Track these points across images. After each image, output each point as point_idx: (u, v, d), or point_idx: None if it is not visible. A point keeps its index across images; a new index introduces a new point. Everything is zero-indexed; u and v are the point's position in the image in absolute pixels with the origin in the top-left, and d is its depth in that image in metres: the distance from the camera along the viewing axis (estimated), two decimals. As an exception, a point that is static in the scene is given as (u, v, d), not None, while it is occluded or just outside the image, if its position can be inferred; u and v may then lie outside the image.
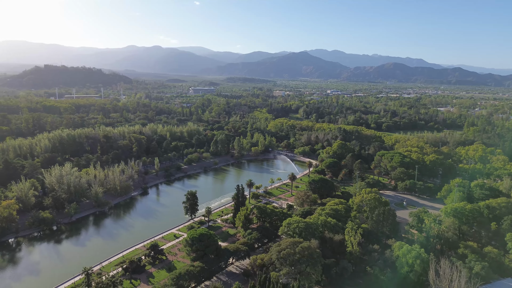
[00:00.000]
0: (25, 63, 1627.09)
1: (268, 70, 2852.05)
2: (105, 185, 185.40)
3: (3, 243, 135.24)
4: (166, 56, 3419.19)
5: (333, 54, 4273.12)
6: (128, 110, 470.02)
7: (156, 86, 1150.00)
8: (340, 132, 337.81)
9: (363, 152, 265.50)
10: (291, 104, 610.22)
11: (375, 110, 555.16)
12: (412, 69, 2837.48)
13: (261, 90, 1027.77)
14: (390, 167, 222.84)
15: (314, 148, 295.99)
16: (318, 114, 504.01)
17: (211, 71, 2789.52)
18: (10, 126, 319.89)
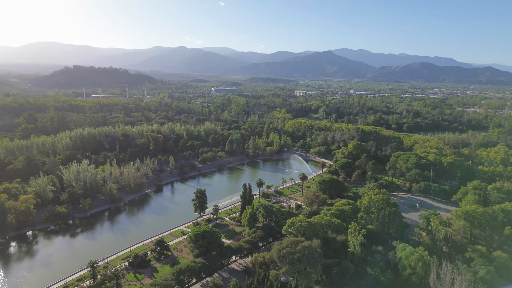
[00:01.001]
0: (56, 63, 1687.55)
1: (291, 70, 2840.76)
2: (119, 182, 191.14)
3: (21, 235, 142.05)
4: (191, 57, 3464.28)
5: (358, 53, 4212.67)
6: (150, 110, 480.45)
7: (180, 86, 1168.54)
8: (358, 132, 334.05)
9: (379, 153, 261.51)
10: (311, 104, 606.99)
11: (397, 111, 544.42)
12: (441, 69, 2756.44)
13: (282, 90, 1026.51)
14: (405, 168, 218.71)
15: (330, 149, 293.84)
16: (338, 114, 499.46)
17: (234, 71, 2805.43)
18: (37, 124, 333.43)
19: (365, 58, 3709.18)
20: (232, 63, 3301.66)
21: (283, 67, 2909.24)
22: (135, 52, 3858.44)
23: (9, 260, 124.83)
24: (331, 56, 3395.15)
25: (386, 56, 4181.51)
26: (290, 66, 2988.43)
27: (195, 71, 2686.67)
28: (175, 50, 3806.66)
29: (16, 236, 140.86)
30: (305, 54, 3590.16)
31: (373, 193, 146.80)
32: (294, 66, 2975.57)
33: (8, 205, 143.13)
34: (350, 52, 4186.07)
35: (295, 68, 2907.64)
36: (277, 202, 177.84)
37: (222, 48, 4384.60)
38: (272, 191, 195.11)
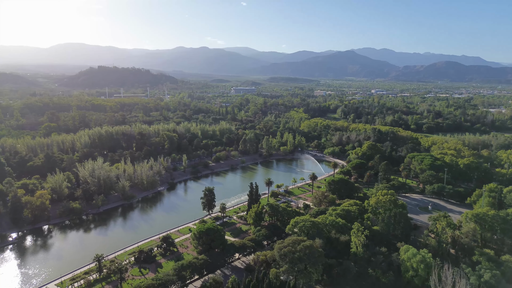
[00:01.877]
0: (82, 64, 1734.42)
1: (312, 69, 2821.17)
2: (133, 179, 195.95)
3: (36, 229, 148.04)
4: (213, 57, 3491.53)
5: (382, 52, 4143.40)
6: (169, 109, 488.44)
7: (200, 86, 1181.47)
8: (374, 133, 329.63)
9: (393, 153, 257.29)
10: (329, 104, 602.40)
11: (418, 111, 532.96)
12: (467, 68, 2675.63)
13: (302, 90, 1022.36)
14: (419, 169, 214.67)
15: (345, 149, 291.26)
16: (356, 114, 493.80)
17: (255, 71, 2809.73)
18: (59, 123, 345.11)
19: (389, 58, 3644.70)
20: (253, 63, 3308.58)
21: (304, 67, 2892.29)
22: (158, 53, 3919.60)
23: (24, 253, 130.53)
24: (353, 55, 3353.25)
25: (410, 55, 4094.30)
26: (311, 65, 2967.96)
27: (216, 71, 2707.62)
28: (197, 50, 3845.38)
29: (31, 230, 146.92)
30: (327, 54, 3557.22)
31: (381, 194, 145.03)
32: (315, 66, 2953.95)
33: (25, 200, 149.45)
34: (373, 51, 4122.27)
35: (316, 68, 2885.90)
36: (286, 202, 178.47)
37: (243, 48, 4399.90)
38: (282, 190, 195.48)
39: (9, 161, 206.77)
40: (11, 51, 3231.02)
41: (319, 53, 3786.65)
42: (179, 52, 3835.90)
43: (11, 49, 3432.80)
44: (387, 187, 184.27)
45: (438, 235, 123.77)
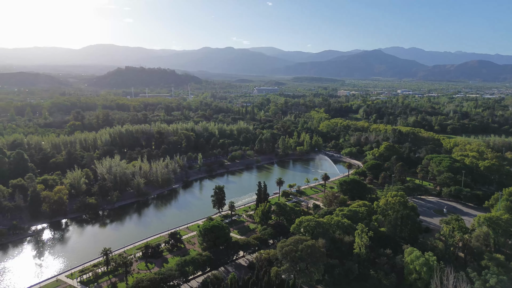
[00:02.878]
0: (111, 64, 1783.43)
1: (338, 69, 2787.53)
2: (148, 177, 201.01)
3: (53, 223, 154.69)
4: (237, 57, 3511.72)
5: (410, 51, 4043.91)
6: (190, 109, 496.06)
7: (224, 86, 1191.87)
8: (394, 133, 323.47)
9: (411, 155, 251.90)
10: (352, 104, 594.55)
11: (444, 111, 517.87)
12: (501, 67, 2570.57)
13: (325, 90, 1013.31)
14: (436, 171, 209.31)
15: (362, 150, 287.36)
16: (378, 114, 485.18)
17: (279, 71, 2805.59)
18: (84, 121, 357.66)
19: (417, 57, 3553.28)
20: (278, 63, 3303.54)
21: (329, 67, 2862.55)
22: (184, 53, 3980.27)
23: (40, 245, 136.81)
24: (380, 54, 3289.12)
25: (441, 54, 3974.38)
26: (337, 65, 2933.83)
27: (241, 71, 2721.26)
28: (222, 50, 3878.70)
29: (49, 223, 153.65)
30: (353, 53, 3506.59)
31: (390, 195, 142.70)
32: (340, 65, 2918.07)
33: (43, 194, 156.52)
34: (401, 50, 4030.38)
35: (342, 68, 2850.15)
36: (296, 202, 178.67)
37: (268, 48, 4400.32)
38: (293, 190, 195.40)
39: (33, 158, 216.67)
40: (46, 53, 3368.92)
41: (345, 53, 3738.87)
42: (205, 52, 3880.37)
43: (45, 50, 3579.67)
44: (400, 188, 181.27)
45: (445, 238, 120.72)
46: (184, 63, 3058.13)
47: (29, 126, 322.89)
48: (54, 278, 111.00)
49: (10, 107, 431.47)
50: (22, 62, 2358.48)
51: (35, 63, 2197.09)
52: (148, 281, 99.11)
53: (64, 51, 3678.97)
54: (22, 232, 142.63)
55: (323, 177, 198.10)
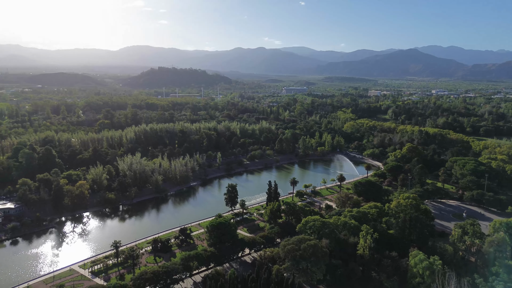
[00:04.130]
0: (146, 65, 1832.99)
1: (371, 69, 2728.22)
2: (167, 174, 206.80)
3: (75, 216, 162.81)
4: (269, 57, 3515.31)
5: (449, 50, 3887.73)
6: (217, 108, 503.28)
7: (253, 86, 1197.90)
8: (421, 135, 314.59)
9: (435, 157, 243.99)
10: (381, 104, 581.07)
11: (478, 113, 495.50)
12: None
13: (355, 90, 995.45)
14: (460, 174, 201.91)
15: (386, 151, 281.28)
16: (408, 115, 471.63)
17: (310, 71, 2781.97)
18: (113, 120, 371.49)
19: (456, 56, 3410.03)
20: (309, 62, 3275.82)
21: (362, 66, 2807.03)
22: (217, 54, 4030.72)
23: (59, 236, 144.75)
24: (416, 54, 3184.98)
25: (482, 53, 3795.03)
26: (370, 65, 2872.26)
27: (272, 71, 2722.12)
28: (254, 51, 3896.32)
29: (70, 216, 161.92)
30: (387, 52, 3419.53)
31: (402, 197, 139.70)
32: (374, 65, 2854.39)
33: (66, 189, 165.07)
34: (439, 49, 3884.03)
35: (375, 67, 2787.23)
36: (310, 202, 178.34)
37: (300, 48, 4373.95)
38: (309, 190, 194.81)
39: (62, 154, 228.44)
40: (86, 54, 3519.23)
41: (379, 52, 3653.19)
42: (237, 53, 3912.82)
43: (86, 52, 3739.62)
44: (418, 191, 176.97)
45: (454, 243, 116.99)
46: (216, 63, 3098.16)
47: (62, 124, 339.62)
48: (68, 267, 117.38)
49: (47, 106, 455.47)
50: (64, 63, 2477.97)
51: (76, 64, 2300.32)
52: (152, 274, 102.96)
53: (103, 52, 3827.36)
54: (45, 224, 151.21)
55: (338, 178, 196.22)
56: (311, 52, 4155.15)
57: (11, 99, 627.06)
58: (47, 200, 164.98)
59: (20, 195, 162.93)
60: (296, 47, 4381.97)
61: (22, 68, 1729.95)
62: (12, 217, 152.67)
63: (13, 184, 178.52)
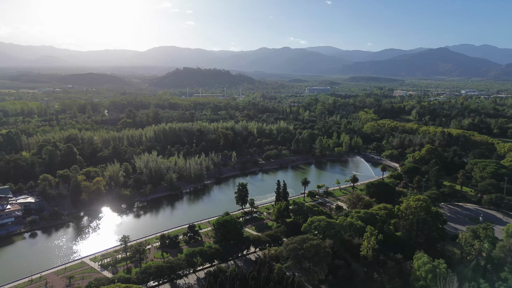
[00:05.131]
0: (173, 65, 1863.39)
1: (398, 68, 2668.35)
2: (181, 172, 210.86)
3: (91, 211, 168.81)
4: (294, 57, 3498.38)
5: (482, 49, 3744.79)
6: (237, 108, 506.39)
7: (276, 86, 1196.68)
8: (443, 136, 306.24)
9: (456, 159, 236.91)
10: (405, 104, 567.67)
11: (508, 114, 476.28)
12: None
13: (380, 90, 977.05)
14: (479, 177, 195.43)
15: (405, 152, 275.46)
16: (432, 116, 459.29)
17: (335, 71, 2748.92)
18: (135, 119, 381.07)
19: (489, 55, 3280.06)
20: (335, 62, 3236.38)
21: (389, 66, 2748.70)
22: (242, 54, 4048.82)
23: (75, 230, 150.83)
24: (446, 53, 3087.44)
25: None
26: (398, 64, 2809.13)
27: (296, 71, 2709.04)
28: (279, 51, 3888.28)
29: (87, 211, 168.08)
30: (416, 51, 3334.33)
31: (412, 199, 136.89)
32: (401, 64, 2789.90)
33: (83, 185, 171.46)
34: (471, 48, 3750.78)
35: (403, 67, 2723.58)
36: (321, 202, 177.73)
37: (326, 47, 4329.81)
38: (321, 191, 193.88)
39: (83, 151, 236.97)
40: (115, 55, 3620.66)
41: (407, 51, 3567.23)
42: (262, 53, 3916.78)
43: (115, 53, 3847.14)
44: (434, 193, 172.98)
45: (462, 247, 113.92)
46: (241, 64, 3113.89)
47: (86, 123, 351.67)
48: (79, 260, 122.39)
49: (74, 105, 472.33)
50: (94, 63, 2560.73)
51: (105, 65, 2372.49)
52: (155, 268, 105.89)
53: (131, 53, 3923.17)
54: (62, 218, 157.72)
55: (351, 178, 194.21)
56: (337, 52, 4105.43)
57: (42, 98, 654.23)
58: (65, 195, 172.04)
59: (40, 190, 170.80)
60: (321, 47, 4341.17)
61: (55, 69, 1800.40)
62: (32, 210, 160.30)
63: (36, 180, 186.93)
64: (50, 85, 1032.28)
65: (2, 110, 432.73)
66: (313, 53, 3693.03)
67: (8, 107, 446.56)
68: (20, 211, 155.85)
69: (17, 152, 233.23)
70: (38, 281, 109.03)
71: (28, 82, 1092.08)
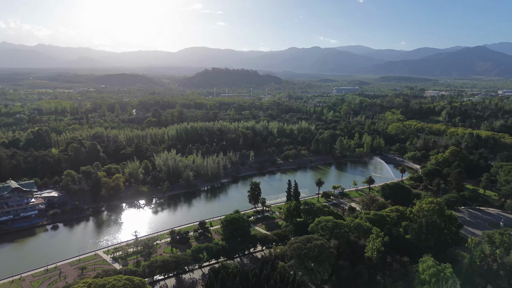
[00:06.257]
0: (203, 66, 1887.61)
1: (432, 67, 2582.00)
2: (199, 170, 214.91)
3: (110, 206, 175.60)
4: (324, 57, 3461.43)
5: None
6: (261, 108, 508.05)
7: (303, 86, 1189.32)
8: (471, 138, 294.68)
9: (482, 162, 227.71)
10: (435, 105, 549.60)
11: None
12: None
13: (411, 90, 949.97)
14: (504, 181, 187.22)
15: (428, 154, 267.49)
16: (463, 117, 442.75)
17: (366, 70, 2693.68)
18: (160, 118, 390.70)
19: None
20: (365, 61, 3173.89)
21: (423, 65, 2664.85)
22: (271, 54, 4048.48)
23: (94, 223, 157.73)
24: (484, 51, 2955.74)
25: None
26: (432, 63, 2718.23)
27: (326, 71, 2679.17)
28: (308, 50, 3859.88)
29: (106, 206, 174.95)
30: (452, 50, 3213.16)
31: (425, 202, 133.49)
32: (436, 64, 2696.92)
33: (103, 181, 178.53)
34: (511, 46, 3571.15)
35: (437, 66, 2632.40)
36: (335, 203, 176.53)
37: (357, 46, 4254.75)
38: (337, 192, 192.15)
39: (107, 149, 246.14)
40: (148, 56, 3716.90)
41: (442, 50, 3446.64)
42: (291, 53, 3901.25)
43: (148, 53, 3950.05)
44: (453, 196, 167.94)
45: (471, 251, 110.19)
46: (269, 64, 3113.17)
47: (114, 121, 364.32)
48: (93, 252, 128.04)
49: (104, 104, 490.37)
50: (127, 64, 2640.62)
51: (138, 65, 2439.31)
52: (161, 262, 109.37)
53: (163, 54, 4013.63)
54: (82, 212, 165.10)
55: (367, 180, 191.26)
56: (368, 51, 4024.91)
57: (76, 98, 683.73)
58: (86, 190, 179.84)
59: (63, 185, 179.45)
60: (352, 46, 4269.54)
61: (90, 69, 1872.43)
62: (55, 204, 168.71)
63: (61, 175, 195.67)
64: (85, 85, 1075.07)
65: (37, 108, 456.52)
66: (344, 52, 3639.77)
67: (43, 106, 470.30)
68: (44, 204, 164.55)
69: (46, 148, 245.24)
70: (53, 270, 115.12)
71: (65, 82, 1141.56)
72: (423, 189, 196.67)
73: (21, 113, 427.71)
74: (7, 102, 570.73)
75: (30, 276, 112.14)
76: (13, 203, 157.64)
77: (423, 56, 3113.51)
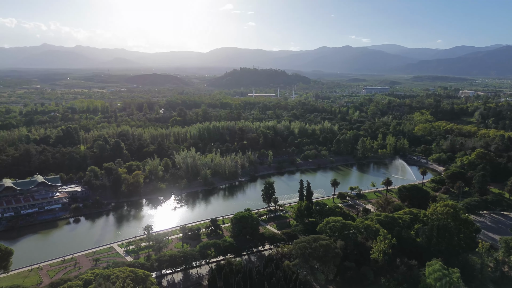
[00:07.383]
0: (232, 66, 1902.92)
1: (470, 67, 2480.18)
2: (217, 169, 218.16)
3: (129, 201, 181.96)
4: (355, 56, 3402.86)
5: None
6: (286, 108, 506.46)
7: (332, 86, 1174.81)
8: (502, 140, 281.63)
9: (510, 165, 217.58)
10: (468, 106, 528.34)
11: None
12: None
13: (445, 90, 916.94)
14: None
15: (454, 156, 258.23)
16: (497, 118, 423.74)
17: (398, 70, 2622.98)
18: (185, 117, 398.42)
19: None
20: (398, 60, 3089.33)
21: (459, 64, 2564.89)
22: (301, 54, 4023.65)
23: (113, 218, 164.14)
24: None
25: None
26: (469, 62, 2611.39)
27: (356, 70, 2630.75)
28: (339, 50, 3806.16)
29: (126, 201, 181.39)
30: (492, 48, 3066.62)
31: (440, 205, 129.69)
32: (473, 63, 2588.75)
33: (123, 177, 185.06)
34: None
35: (475, 65, 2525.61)
36: (351, 204, 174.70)
37: (389, 45, 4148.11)
38: (353, 193, 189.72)
39: (131, 146, 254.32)
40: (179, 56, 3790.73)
41: (481, 48, 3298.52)
42: (321, 52, 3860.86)
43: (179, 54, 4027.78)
44: (475, 200, 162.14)
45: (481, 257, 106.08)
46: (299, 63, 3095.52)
47: (140, 120, 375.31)
48: (108, 245, 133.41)
49: (133, 103, 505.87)
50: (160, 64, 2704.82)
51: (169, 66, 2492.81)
52: (169, 257, 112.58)
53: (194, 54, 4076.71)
54: (103, 206, 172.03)
55: (384, 182, 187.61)
56: (402, 50, 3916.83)
57: (109, 97, 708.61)
58: (108, 186, 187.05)
59: (86, 180, 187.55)
60: (385, 45, 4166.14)
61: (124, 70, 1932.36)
62: (78, 199, 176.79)
63: (86, 171, 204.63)
64: (118, 85, 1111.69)
65: (71, 107, 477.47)
66: (376, 51, 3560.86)
67: (77, 105, 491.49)
68: (67, 198, 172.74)
69: (74, 145, 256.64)
70: (69, 261, 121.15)
71: (100, 82, 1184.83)
72: (444, 192, 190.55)
73: (55, 112, 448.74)
74: (44, 101, 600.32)
75: (47, 265, 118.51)
76: (39, 196, 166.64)
77: (460, 54, 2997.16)
